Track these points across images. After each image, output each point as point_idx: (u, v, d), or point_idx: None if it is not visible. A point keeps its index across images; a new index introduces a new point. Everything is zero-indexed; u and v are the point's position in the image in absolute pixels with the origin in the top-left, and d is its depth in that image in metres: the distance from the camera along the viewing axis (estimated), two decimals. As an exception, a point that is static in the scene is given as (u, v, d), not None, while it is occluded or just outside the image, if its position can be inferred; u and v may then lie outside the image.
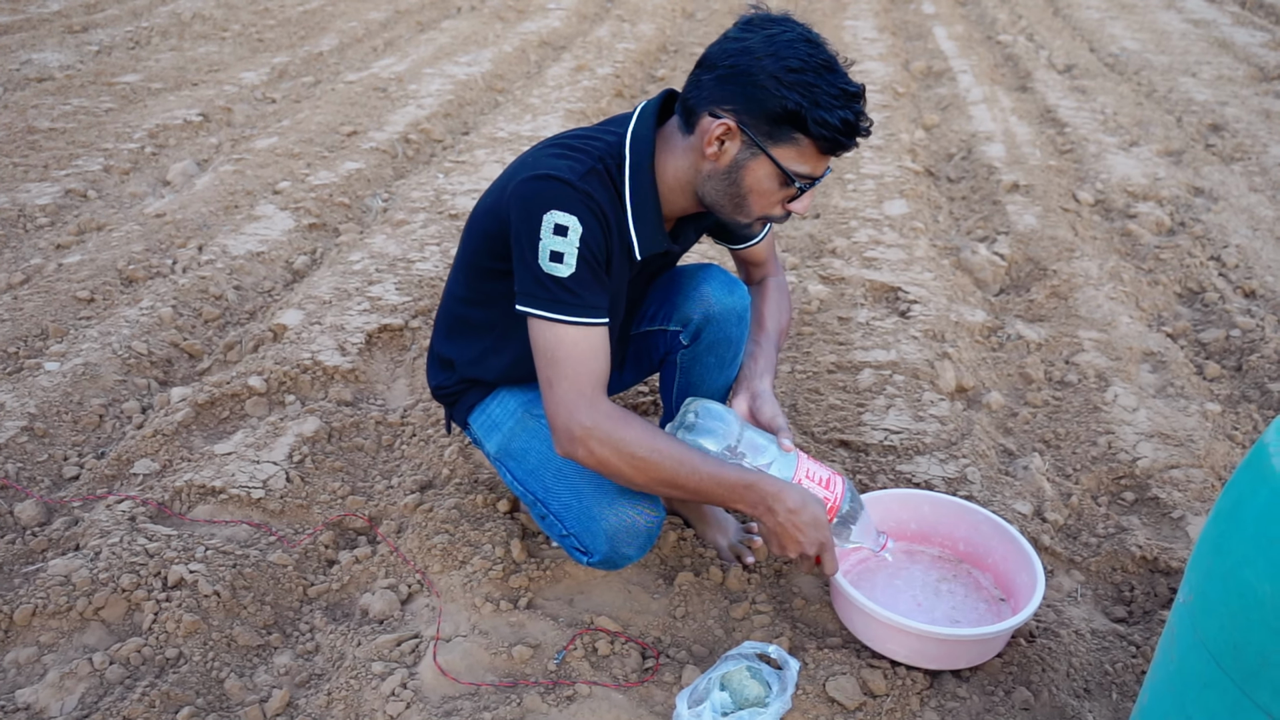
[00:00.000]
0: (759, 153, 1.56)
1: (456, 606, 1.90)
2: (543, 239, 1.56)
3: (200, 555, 1.96)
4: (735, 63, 1.53)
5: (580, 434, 1.56)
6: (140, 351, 2.70)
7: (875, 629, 1.76)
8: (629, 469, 1.57)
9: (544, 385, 1.60)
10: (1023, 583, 1.87)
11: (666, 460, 1.57)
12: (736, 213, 1.65)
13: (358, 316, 2.87)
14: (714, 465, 1.60)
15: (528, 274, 1.59)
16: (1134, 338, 2.89)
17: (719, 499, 1.62)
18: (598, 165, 1.63)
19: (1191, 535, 2.12)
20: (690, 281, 1.92)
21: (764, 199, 1.62)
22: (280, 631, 1.90)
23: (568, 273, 1.57)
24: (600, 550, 1.73)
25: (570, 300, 1.57)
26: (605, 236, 1.62)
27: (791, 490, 1.62)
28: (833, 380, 2.66)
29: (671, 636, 1.87)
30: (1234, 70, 5.81)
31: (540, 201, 1.57)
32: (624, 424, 1.57)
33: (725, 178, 1.61)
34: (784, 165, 1.56)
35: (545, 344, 1.59)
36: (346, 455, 2.36)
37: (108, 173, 3.99)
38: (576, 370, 1.57)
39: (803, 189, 1.60)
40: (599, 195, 1.60)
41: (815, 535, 1.63)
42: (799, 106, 1.50)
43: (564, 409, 1.57)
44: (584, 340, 1.59)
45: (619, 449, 1.56)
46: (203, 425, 2.45)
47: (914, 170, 4.22)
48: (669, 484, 1.59)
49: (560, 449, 1.60)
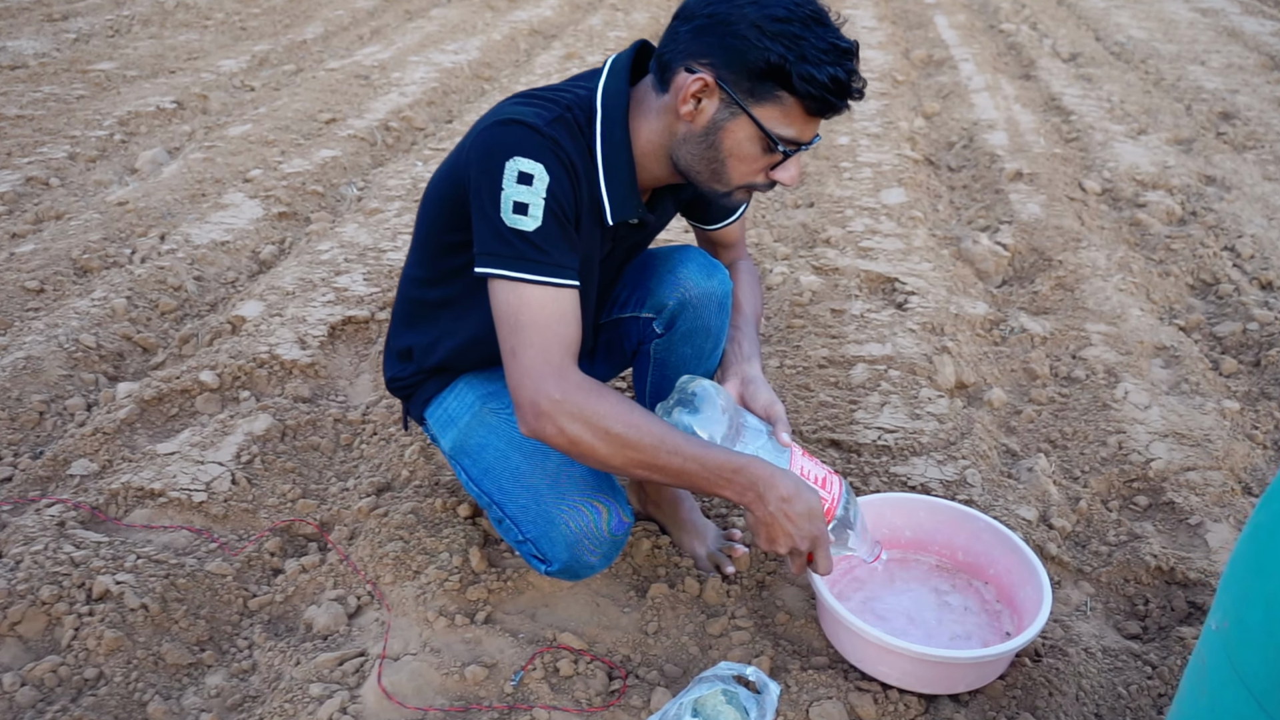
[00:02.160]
0: (739, 112, 1.40)
1: (407, 621, 1.74)
2: (505, 189, 1.39)
3: (130, 564, 1.80)
4: (714, 11, 1.37)
5: (548, 407, 1.38)
6: (89, 345, 2.53)
7: (865, 649, 1.60)
8: (603, 447, 1.39)
9: (506, 355, 1.42)
10: (1027, 596, 1.70)
11: (646, 439, 1.39)
12: (714, 180, 1.48)
13: (321, 308, 2.71)
14: (698, 446, 1.42)
15: (488, 230, 1.41)
16: (1145, 331, 2.72)
17: (702, 485, 1.44)
18: (566, 115, 1.46)
19: (1210, 543, 1.95)
20: (665, 264, 1.75)
21: (745, 165, 1.45)
22: (215, 648, 1.73)
23: (533, 226, 1.39)
24: (560, 558, 1.57)
25: (536, 257, 1.40)
26: (574, 191, 1.44)
27: (785, 477, 1.45)
28: (824, 376, 2.49)
29: (642, 655, 1.71)
30: (1244, 59, 5.63)
31: (502, 148, 1.40)
32: (598, 397, 1.40)
33: (702, 140, 1.44)
34: (766, 127, 1.39)
35: (508, 308, 1.41)
36: (300, 455, 2.20)
37: (73, 160, 3.82)
38: (544, 337, 1.40)
39: (788, 154, 1.43)
40: (568, 145, 1.43)
41: (809, 528, 1.46)
42: (783, 60, 1.34)
43: (529, 380, 1.39)
44: (552, 303, 1.41)
45: (592, 424, 1.38)
46: (149, 423, 2.29)
47: (913, 159, 4.05)
48: (648, 466, 1.41)
49: (525, 426, 1.42)
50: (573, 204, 1.45)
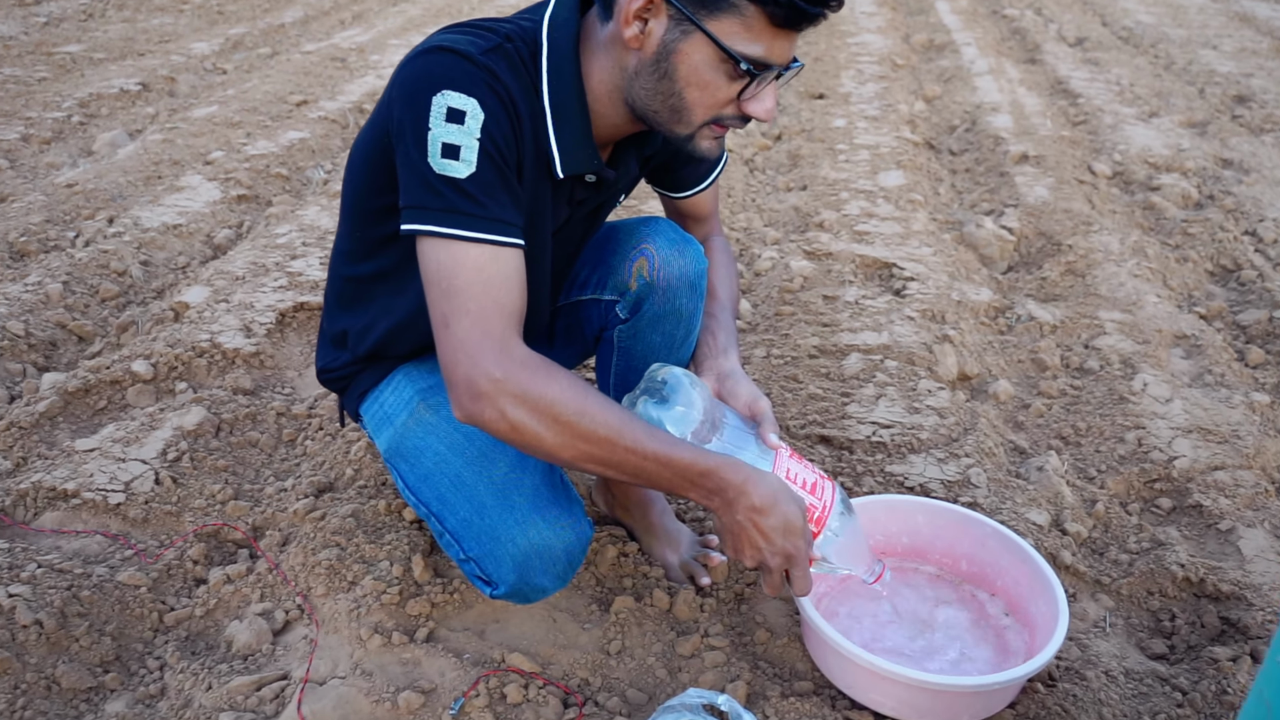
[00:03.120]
0: (691, 29, 1.17)
1: (338, 639, 1.54)
2: (432, 128, 1.17)
3: (28, 574, 1.59)
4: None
5: (488, 388, 1.16)
6: (16, 333, 2.33)
7: (855, 674, 1.39)
8: (551, 437, 1.18)
9: (438, 326, 1.20)
10: (1039, 611, 1.50)
11: (601, 429, 1.18)
12: (675, 121, 1.25)
13: (271, 294, 2.50)
14: (663, 442, 1.21)
15: (414, 178, 1.19)
16: (1163, 319, 2.52)
17: (664, 485, 1.23)
18: (506, 45, 1.24)
19: (1244, 551, 1.74)
20: (630, 238, 1.54)
21: (706, 95, 1.22)
22: (121, 669, 1.53)
23: (466, 172, 1.17)
24: (507, 580, 1.35)
25: (470, 210, 1.18)
26: (515, 133, 1.23)
27: (761, 483, 1.24)
28: (814, 366, 2.28)
29: (602, 678, 1.50)
30: (1257, 43, 5.43)
31: (428, 81, 1.18)
32: (546, 376, 1.18)
33: (654, 70, 1.22)
34: (725, 43, 1.17)
35: (439, 270, 1.19)
36: (235, 452, 2.00)
37: (26, 142, 3.62)
38: (481, 304, 1.18)
39: (754, 76, 1.20)
40: (507, 79, 1.22)
41: (783, 543, 1.26)
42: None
43: (465, 355, 1.17)
44: (491, 264, 1.19)
45: (538, 409, 1.16)
46: (73, 417, 2.08)
47: (913, 141, 3.84)
48: (602, 461, 1.20)
49: (460, 410, 1.20)
50: (514, 147, 1.23)
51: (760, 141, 3.90)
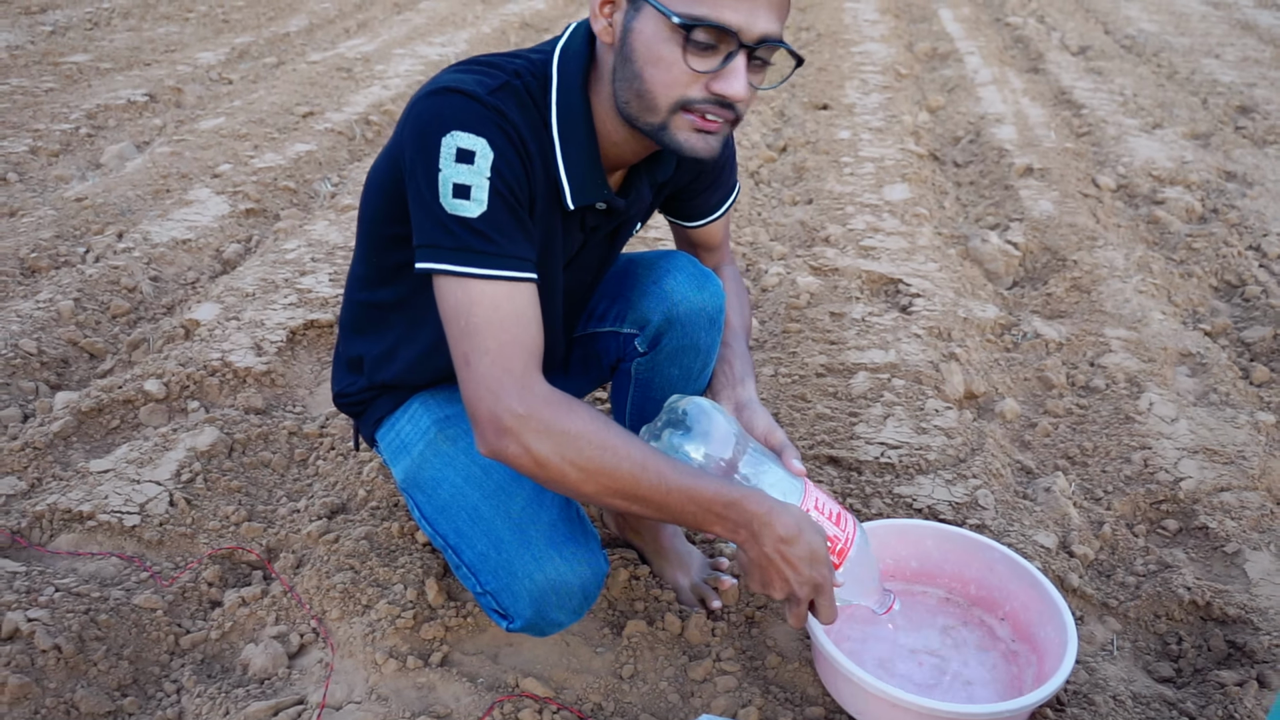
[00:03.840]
0: (641, 3, 1.18)
1: (354, 663, 1.55)
2: (443, 169, 1.19)
3: (46, 599, 1.61)
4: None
5: (511, 424, 1.18)
6: (29, 351, 2.35)
7: (866, 701, 1.41)
8: (575, 472, 1.19)
9: (459, 364, 1.22)
10: (1047, 636, 1.51)
11: (625, 463, 1.19)
12: (645, 110, 1.23)
13: (282, 311, 2.52)
14: (686, 475, 1.22)
15: (427, 219, 1.21)
16: (1168, 336, 2.53)
17: (690, 519, 1.24)
18: (515, 82, 1.26)
19: (1250, 574, 1.76)
20: (649, 273, 1.55)
21: (664, 73, 1.19)
22: (139, 693, 1.54)
23: (478, 211, 1.19)
24: (523, 615, 1.37)
25: (484, 248, 1.20)
26: (526, 169, 1.25)
27: (785, 513, 1.25)
28: (821, 385, 2.29)
29: (615, 703, 1.52)
30: (1260, 52, 5.44)
31: (438, 122, 1.20)
32: (569, 412, 1.20)
33: (621, 60, 1.22)
34: (667, 8, 1.15)
35: (457, 309, 1.21)
36: (248, 473, 2.01)
37: (34, 155, 3.64)
38: (500, 341, 1.20)
39: (709, 45, 1.16)
40: (515, 117, 1.23)
41: (810, 573, 1.26)
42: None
43: (488, 392, 1.19)
44: (507, 301, 1.21)
45: (562, 445, 1.18)
46: (86, 437, 2.10)
47: (917, 153, 3.86)
48: (627, 495, 1.21)
49: (484, 446, 1.22)
50: (524, 184, 1.25)
51: (765, 154, 3.92)
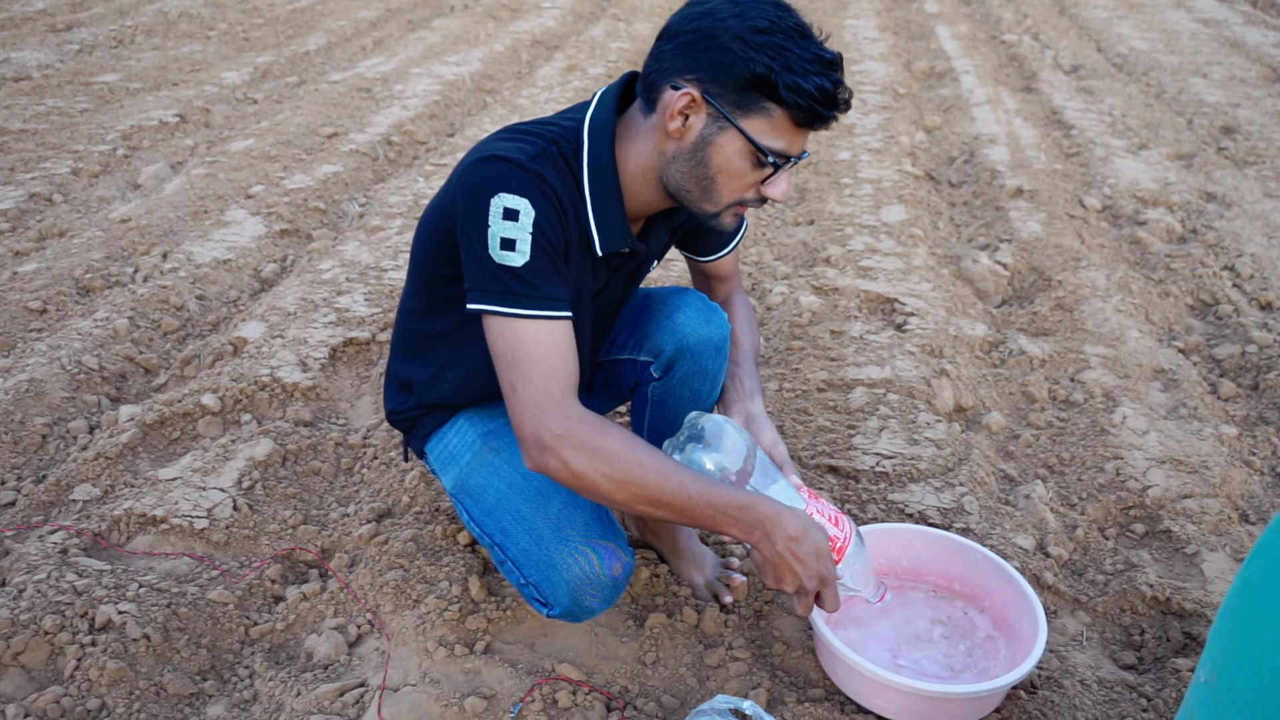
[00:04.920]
0: (727, 125, 1.40)
1: (407, 651, 1.75)
2: (491, 225, 1.40)
3: (132, 594, 1.81)
4: (698, 27, 1.38)
5: (552, 442, 1.39)
6: (91, 366, 2.55)
7: (861, 683, 1.61)
8: (607, 483, 1.39)
9: (506, 391, 1.43)
10: (1023, 628, 1.71)
11: (651, 474, 1.40)
12: (704, 200, 1.48)
13: (323, 329, 2.72)
14: (704, 484, 1.43)
15: (478, 267, 1.43)
16: (1144, 354, 2.73)
17: (709, 522, 1.44)
18: (551, 148, 1.48)
19: (1207, 573, 1.96)
20: (663, 308, 1.76)
21: (734, 181, 1.45)
22: (216, 677, 1.74)
23: (522, 261, 1.41)
24: (561, 603, 1.57)
25: (527, 292, 1.41)
26: (562, 224, 1.46)
27: (792, 515, 1.45)
28: (823, 399, 2.50)
29: (640, 686, 1.72)
30: (1246, 71, 5.64)
31: (487, 185, 1.42)
32: (601, 431, 1.41)
33: (691, 158, 1.45)
34: (755, 138, 1.40)
35: (504, 344, 1.43)
36: (301, 480, 2.21)
37: (76, 176, 3.84)
38: (542, 371, 1.41)
39: (778, 167, 1.43)
40: (552, 179, 1.45)
41: (817, 567, 1.46)
42: (769, 70, 1.35)
43: (531, 415, 1.40)
44: (547, 337, 1.42)
45: (596, 459, 1.38)
46: (151, 447, 2.30)
47: (914, 174, 4.06)
48: (653, 501, 1.41)
49: (530, 461, 1.43)
50: (560, 237, 1.46)
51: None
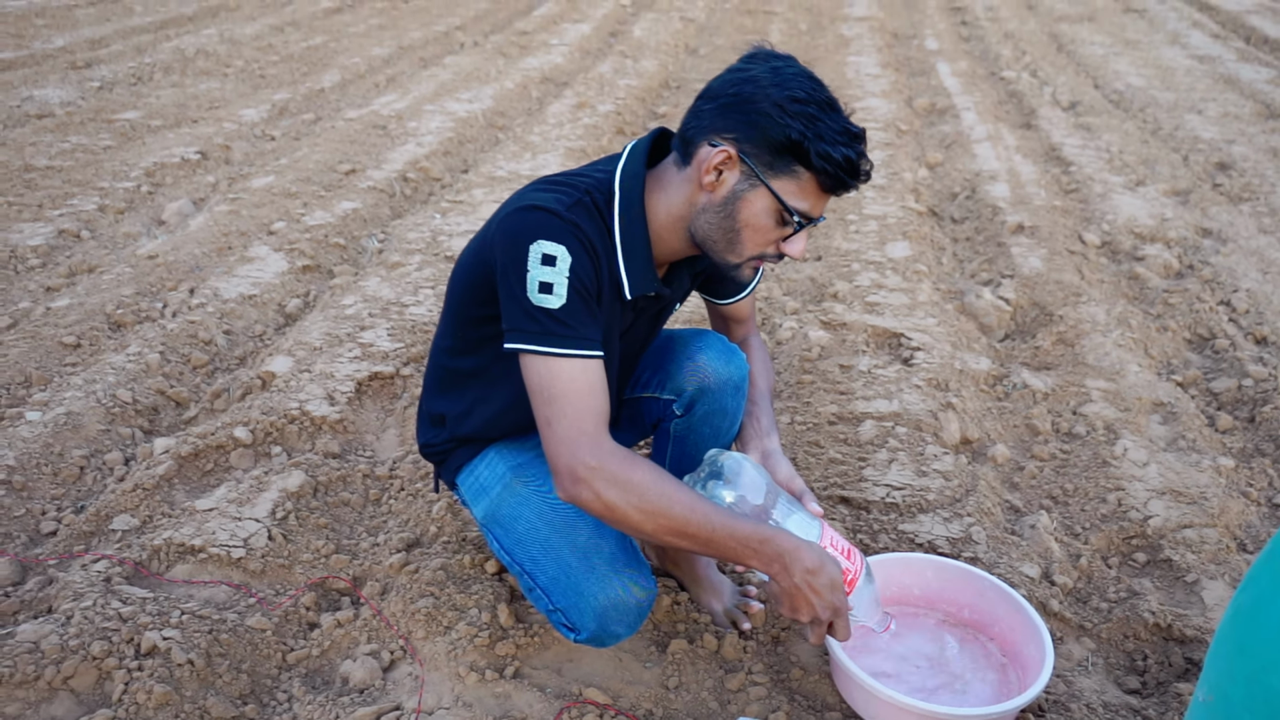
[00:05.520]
0: (758, 184, 1.51)
1: (440, 675, 1.83)
2: (530, 270, 1.50)
3: (175, 620, 1.89)
4: (739, 91, 1.49)
5: (585, 474, 1.46)
6: (125, 400, 2.64)
7: (878, 707, 1.68)
8: (637, 514, 1.47)
9: (542, 425, 1.51)
10: (1030, 655, 1.79)
11: (678, 507, 1.47)
12: (728, 251, 1.59)
13: (348, 364, 2.81)
14: (727, 517, 1.50)
15: (517, 308, 1.51)
16: (1143, 387, 2.82)
17: (731, 554, 1.51)
18: (585, 199, 1.58)
19: (1206, 601, 2.04)
20: (685, 350, 1.86)
21: (758, 235, 1.56)
22: (256, 701, 1.82)
23: (559, 304, 1.50)
24: (588, 628, 1.65)
25: (563, 332, 1.50)
26: (595, 269, 1.55)
27: (809, 548, 1.53)
28: (833, 432, 2.58)
29: (664, 709, 1.79)
30: (1240, 107, 5.76)
31: (526, 232, 1.51)
32: (631, 465, 1.49)
33: (721, 210, 1.55)
34: (783, 198, 1.50)
35: (540, 381, 1.51)
36: (332, 511, 2.29)
37: (102, 212, 3.95)
38: (576, 407, 1.49)
39: (799, 227, 1.54)
40: (587, 227, 1.55)
41: (831, 599, 1.54)
42: (802, 137, 1.46)
43: (566, 448, 1.48)
44: (582, 375, 1.51)
45: (627, 491, 1.46)
46: (185, 478, 2.38)
47: (917, 211, 4.16)
48: (679, 533, 1.48)
49: (563, 492, 1.50)
50: (594, 281, 1.55)
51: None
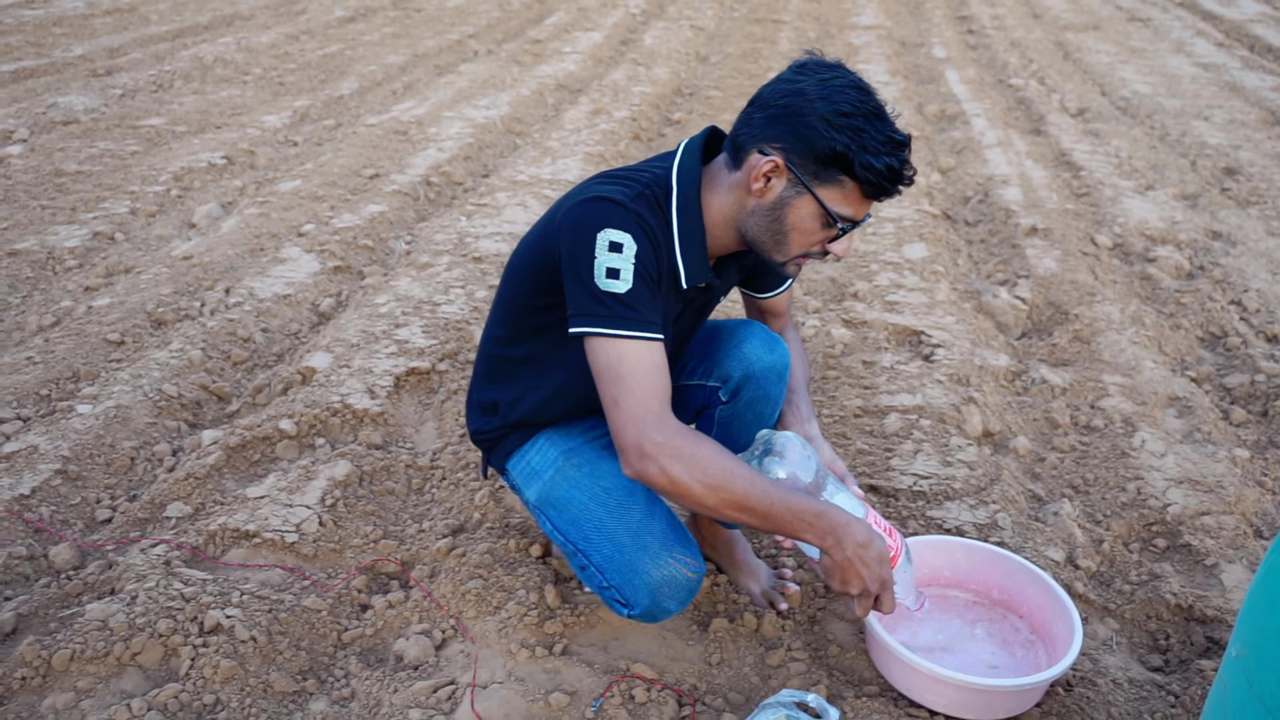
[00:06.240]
0: (804, 191, 1.59)
1: (492, 653, 1.91)
2: (598, 257, 1.57)
3: (236, 600, 1.97)
4: (788, 103, 1.57)
5: (651, 450, 1.52)
6: (170, 394, 2.72)
7: (914, 679, 1.76)
8: (700, 488, 1.52)
9: (609, 405, 1.58)
10: (1058, 631, 1.86)
11: (739, 482, 1.54)
12: (775, 250, 1.67)
13: (385, 359, 2.89)
14: (784, 492, 1.57)
15: (584, 294, 1.58)
16: (1158, 382, 2.90)
17: (786, 527, 1.58)
18: (646, 192, 1.66)
19: (1226, 583, 2.11)
20: (731, 338, 1.93)
21: (804, 238, 1.64)
22: (315, 678, 1.90)
23: (625, 289, 1.57)
24: (642, 603, 1.73)
25: (630, 316, 1.57)
26: (656, 258, 1.63)
27: (859, 524, 1.60)
28: (859, 425, 2.66)
29: (708, 684, 1.87)
30: (1246, 114, 5.85)
31: (594, 221, 1.59)
32: (695, 441, 1.55)
33: (769, 214, 1.63)
34: (828, 205, 1.59)
35: (608, 362, 1.57)
36: (378, 499, 2.37)
37: (134, 215, 4.03)
38: (643, 385, 1.55)
39: (843, 230, 1.62)
40: (649, 218, 1.62)
41: (879, 572, 1.61)
42: (847, 149, 1.53)
43: (633, 426, 1.54)
44: (647, 355, 1.57)
45: (692, 466, 1.52)
46: (234, 468, 2.46)
47: (932, 213, 4.25)
48: (739, 506, 1.54)
49: (629, 469, 1.56)
50: (656, 269, 1.63)
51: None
